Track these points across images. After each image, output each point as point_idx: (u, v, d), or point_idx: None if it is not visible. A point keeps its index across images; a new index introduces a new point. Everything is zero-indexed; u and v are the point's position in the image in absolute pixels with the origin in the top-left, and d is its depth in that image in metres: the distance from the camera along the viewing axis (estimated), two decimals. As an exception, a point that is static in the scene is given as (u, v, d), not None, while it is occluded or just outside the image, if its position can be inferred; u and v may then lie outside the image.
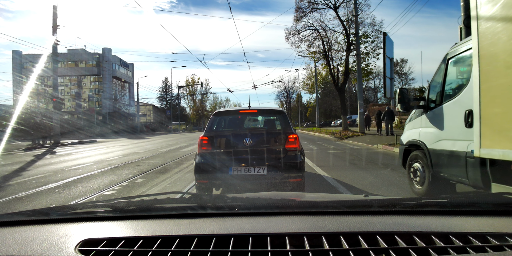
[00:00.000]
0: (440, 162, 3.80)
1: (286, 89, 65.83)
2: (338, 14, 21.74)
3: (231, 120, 4.84)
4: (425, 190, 4.09)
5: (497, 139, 2.75)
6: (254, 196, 1.45)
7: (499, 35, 2.69)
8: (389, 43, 6.30)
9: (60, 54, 18.81)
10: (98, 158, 9.94)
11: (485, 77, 2.85)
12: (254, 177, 3.80)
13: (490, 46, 2.81)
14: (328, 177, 5.66)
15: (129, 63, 64.39)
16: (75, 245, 0.87)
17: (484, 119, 2.88)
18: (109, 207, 1.17)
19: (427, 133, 4.16)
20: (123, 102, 60.92)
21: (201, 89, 65.85)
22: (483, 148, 2.87)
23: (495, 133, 2.76)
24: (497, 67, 2.74)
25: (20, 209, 3.86)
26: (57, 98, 17.68)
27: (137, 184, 5.39)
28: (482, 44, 2.87)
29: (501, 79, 2.69)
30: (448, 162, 3.66)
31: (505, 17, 2.59)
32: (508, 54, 2.60)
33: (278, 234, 0.90)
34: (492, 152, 2.79)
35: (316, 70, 31.79)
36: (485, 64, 2.85)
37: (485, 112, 2.85)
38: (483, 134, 2.89)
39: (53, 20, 16.46)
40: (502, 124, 2.68)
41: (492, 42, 2.78)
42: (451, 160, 3.57)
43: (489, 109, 2.84)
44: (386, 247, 0.83)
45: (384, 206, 1.13)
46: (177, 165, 7.70)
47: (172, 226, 0.99)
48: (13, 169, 7.71)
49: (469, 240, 0.87)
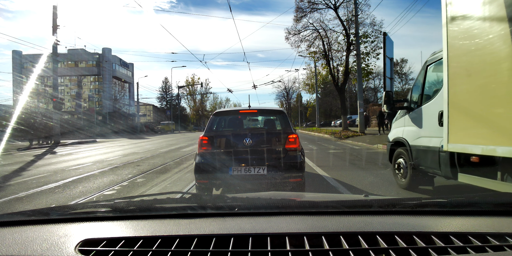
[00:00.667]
0: (419, 157, 4.33)
1: (286, 89, 65.91)
2: (338, 14, 21.75)
3: (231, 120, 4.84)
4: (407, 182, 4.60)
5: (459, 135, 3.34)
6: (254, 196, 1.45)
7: (461, 49, 3.33)
8: (389, 43, 6.30)
9: (60, 54, 18.82)
10: (98, 158, 9.94)
11: (452, 83, 3.43)
12: (254, 177, 3.80)
13: (455, 57, 3.42)
14: (328, 177, 5.66)
15: (129, 63, 64.39)
16: (75, 245, 0.87)
17: (451, 119, 3.45)
18: (109, 207, 1.17)
19: (409, 131, 4.69)
20: (123, 102, 60.93)
21: (201, 89, 65.99)
22: (450, 143, 3.44)
23: (458, 130, 3.34)
24: (460, 75, 3.32)
25: (20, 209, 3.86)
26: (57, 98, 17.68)
27: (137, 184, 5.39)
28: (450, 55, 3.48)
29: (463, 85, 3.28)
30: (425, 157, 4.18)
31: (464, 36, 3.27)
32: (468, 64, 3.23)
33: (278, 234, 0.90)
34: (455, 146, 3.37)
35: (316, 70, 31.79)
36: (452, 73, 3.43)
37: (452, 113, 3.42)
38: (450, 131, 3.45)
39: (53, 20, 16.47)
40: (463, 123, 3.28)
41: (456, 54, 3.40)
42: (428, 155, 4.11)
43: (454, 110, 3.40)
44: (386, 247, 0.83)
45: (384, 206, 1.13)
46: (177, 165, 7.70)
47: (172, 226, 0.99)
48: (13, 169, 7.71)
49: (469, 240, 0.87)
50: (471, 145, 3.16)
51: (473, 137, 3.19)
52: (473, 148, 3.13)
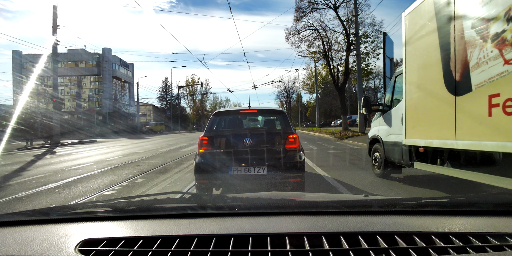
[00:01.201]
0: (389, 151, 5.35)
1: (286, 89, 65.91)
2: (338, 14, 21.76)
3: (231, 120, 4.84)
4: (381, 172, 5.62)
5: (412, 132, 4.44)
6: (254, 196, 1.45)
7: (412, 65, 4.47)
8: (389, 43, 6.31)
9: (60, 54, 18.81)
10: (98, 158, 9.94)
11: (408, 92, 4.54)
12: (254, 177, 3.80)
13: (409, 72, 4.55)
14: (328, 177, 5.66)
15: (129, 63, 64.38)
16: (75, 245, 0.87)
17: (407, 120, 4.55)
18: (109, 207, 1.17)
19: (382, 129, 5.73)
20: (123, 102, 60.90)
21: (201, 89, 65.94)
22: (406, 138, 4.57)
23: (411, 128, 4.47)
24: (412, 86, 4.45)
25: (20, 209, 3.86)
26: (57, 98, 17.67)
27: (137, 184, 5.39)
28: (407, 70, 4.61)
29: (414, 94, 4.37)
30: (393, 150, 5.19)
31: (414, 55, 4.35)
32: (416, 78, 4.33)
33: (278, 234, 0.90)
34: (409, 141, 4.49)
35: (316, 70, 31.79)
36: (408, 84, 4.56)
37: (407, 115, 4.54)
38: (406, 129, 4.56)
39: (53, 20, 16.47)
40: (414, 123, 4.40)
41: (410, 70, 4.53)
42: (395, 149, 5.12)
43: (409, 113, 4.51)
44: (386, 247, 0.83)
45: (384, 206, 1.13)
46: (177, 165, 7.70)
47: (172, 226, 0.99)
48: (13, 169, 7.71)
49: (469, 240, 0.87)
50: (418, 139, 4.25)
51: (419, 133, 4.25)
52: (420, 142, 4.24)
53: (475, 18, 3.22)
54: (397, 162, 5.12)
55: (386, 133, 5.55)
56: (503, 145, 2.85)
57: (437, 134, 3.83)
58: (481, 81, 3.15)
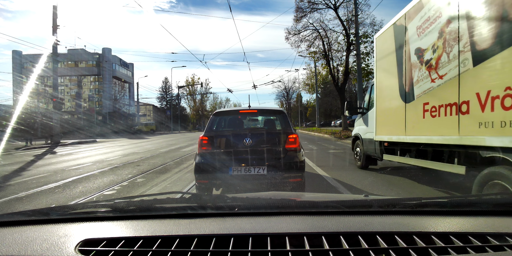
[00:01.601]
0: (367, 146, 6.48)
1: (286, 89, 65.87)
2: (338, 14, 21.76)
3: (231, 120, 4.84)
4: (361, 164, 6.77)
5: (380, 130, 5.67)
6: (254, 196, 1.45)
7: (380, 78, 5.73)
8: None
9: (60, 54, 18.80)
10: (98, 158, 9.94)
11: (377, 99, 5.81)
12: (254, 177, 3.80)
13: (378, 82, 5.84)
14: (328, 177, 5.66)
15: (129, 63, 64.39)
16: (75, 245, 0.87)
17: (377, 120, 5.80)
18: (109, 207, 1.17)
19: (362, 129, 6.89)
20: (123, 102, 60.90)
21: (201, 89, 65.93)
22: (376, 135, 5.77)
23: (379, 127, 5.70)
24: (380, 94, 5.73)
25: (20, 209, 3.86)
26: (57, 98, 17.67)
27: (137, 184, 5.39)
28: (376, 81, 5.89)
29: (381, 101, 5.64)
30: (369, 146, 6.29)
31: (382, 70, 5.60)
32: (383, 88, 5.54)
33: (278, 234, 0.90)
34: (378, 137, 5.70)
35: (316, 70, 31.78)
36: (377, 92, 5.84)
37: (377, 117, 5.78)
38: (376, 128, 5.79)
39: (53, 20, 16.46)
40: (381, 123, 5.62)
41: (379, 81, 5.81)
42: (370, 144, 6.22)
43: (378, 116, 5.77)
44: (386, 247, 0.83)
45: (384, 206, 1.13)
46: (177, 165, 7.70)
47: (172, 226, 0.99)
48: (13, 169, 7.71)
49: (469, 240, 0.87)
50: (384, 136, 5.49)
51: (384, 131, 5.49)
52: (384, 138, 5.48)
53: (416, 47, 4.37)
54: (372, 155, 6.28)
55: (364, 132, 6.71)
56: (429, 138, 4.05)
57: (395, 132, 5.05)
58: (419, 93, 4.30)
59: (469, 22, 3.28)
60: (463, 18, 3.38)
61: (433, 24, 3.95)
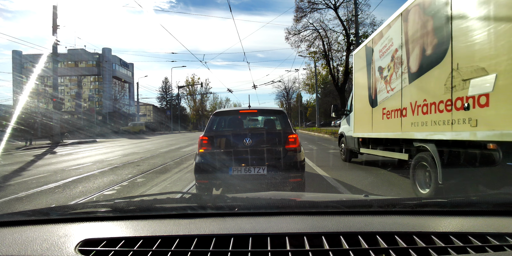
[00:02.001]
0: (349, 142, 7.72)
1: (286, 89, 65.85)
2: (338, 14, 21.77)
3: (231, 120, 4.83)
4: (345, 157, 8.07)
5: (356, 129, 6.99)
6: (254, 196, 1.45)
7: (357, 87, 7.06)
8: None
9: (60, 54, 18.80)
10: (98, 158, 9.94)
11: (355, 103, 7.18)
12: (254, 177, 3.80)
13: (355, 91, 7.23)
14: (328, 177, 5.66)
15: (129, 63, 64.39)
16: (75, 245, 0.87)
17: (355, 121, 7.12)
18: (109, 207, 1.17)
19: (345, 128, 8.21)
20: (123, 102, 60.89)
21: (201, 89, 65.92)
22: (354, 133, 7.06)
23: (356, 126, 6.99)
24: (356, 100, 7.07)
25: (20, 209, 3.86)
26: (57, 98, 17.67)
27: (137, 184, 5.39)
28: (354, 90, 7.30)
29: (357, 105, 7.01)
30: (351, 141, 7.52)
31: (357, 80, 6.93)
32: (358, 95, 6.85)
33: (278, 234, 0.90)
34: (355, 134, 6.98)
35: (316, 70, 31.80)
36: (355, 98, 7.18)
37: (355, 118, 7.10)
38: (354, 127, 7.10)
39: (53, 20, 16.46)
40: (358, 122, 6.90)
41: (356, 89, 7.17)
42: (352, 140, 7.43)
43: (355, 117, 7.10)
44: (386, 247, 0.83)
45: (384, 206, 1.13)
46: (177, 165, 7.70)
47: (172, 226, 0.99)
48: (13, 169, 7.71)
49: (469, 240, 0.87)
50: (359, 133, 6.81)
51: (359, 129, 6.83)
52: (359, 134, 6.79)
53: (378, 65, 5.68)
54: (353, 149, 7.54)
55: (347, 130, 7.99)
56: (386, 134, 5.39)
57: (366, 130, 6.41)
58: (380, 100, 5.60)
59: (406, 52, 4.55)
60: (403, 48, 4.64)
61: (388, 50, 5.21)
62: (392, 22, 5.04)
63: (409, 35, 4.47)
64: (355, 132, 7.05)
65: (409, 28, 4.49)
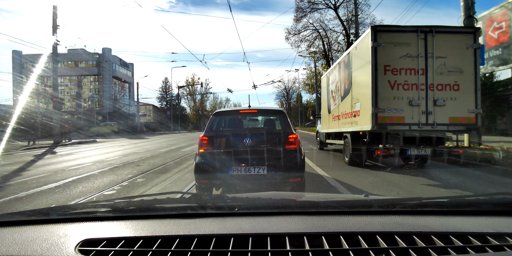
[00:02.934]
0: (321, 136, 11.77)
1: (286, 89, 65.83)
2: (338, 14, 21.76)
3: (231, 120, 4.83)
4: (319, 146, 12.10)
5: (322, 127, 11.37)
6: (254, 196, 1.45)
7: (323, 98, 11.46)
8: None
9: (60, 54, 18.78)
10: (98, 158, 9.94)
11: (322, 110, 11.75)
12: (254, 177, 3.79)
13: (322, 102, 11.99)
14: (328, 177, 5.66)
15: (129, 63, 64.41)
16: (75, 245, 0.87)
17: (322, 121, 11.61)
18: (109, 207, 1.17)
19: (319, 126, 12.28)
20: (123, 102, 60.91)
21: (201, 89, 65.86)
22: (322, 129, 11.46)
23: (322, 125, 11.39)
24: (323, 107, 11.45)
25: (20, 209, 3.86)
26: (57, 98, 17.66)
27: (137, 184, 5.39)
28: (321, 100, 12.12)
29: (322, 111, 11.52)
30: (321, 135, 11.63)
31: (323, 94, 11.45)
32: (323, 104, 11.33)
33: (278, 234, 0.90)
34: (323, 130, 11.31)
35: (316, 70, 31.79)
36: (322, 105, 11.76)
37: (322, 119, 11.56)
38: (322, 125, 11.52)
39: (53, 20, 16.46)
40: (324, 121, 11.04)
41: (322, 101, 11.73)
42: (322, 135, 11.57)
43: (322, 119, 11.50)
44: (386, 247, 0.83)
45: (384, 206, 1.13)
46: (177, 165, 7.70)
47: (172, 226, 0.99)
48: (13, 169, 7.71)
49: (469, 240, 0.87)
50: (324, 129, 10.86)
51: (324, 127, 10.94)
52: (325, 130, 10.81)
53: (331, 88, 9.76)
54: (322, 141, 11.44)
55: (320, 128, 11.98)
56: (335, 130, 9.11)
57: (327, 127, 10.34)
58: (331, 109, 9.55)
59: (340, 84, 8.36)
60: (339, 82, 8.43)
61: (334, 80, 9.23)
62: (335, 65, 9.16)
63: (341, 76, 8.29)
64: (322, 129, 11.26)
65: (340, 72, 8.41)
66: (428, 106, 5.95)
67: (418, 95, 5.96)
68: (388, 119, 5.98)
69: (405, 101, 5.98)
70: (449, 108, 5.95)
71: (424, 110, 5.96)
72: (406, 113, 5.97)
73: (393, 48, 5.96)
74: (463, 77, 5.97)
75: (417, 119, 5.96)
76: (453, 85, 5.97)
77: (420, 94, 5.96)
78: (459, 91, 5.97)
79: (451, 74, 5.97)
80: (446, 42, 5.98)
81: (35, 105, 37.48)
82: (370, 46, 5.95)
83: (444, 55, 5.96)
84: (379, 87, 5.95)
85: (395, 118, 5.98)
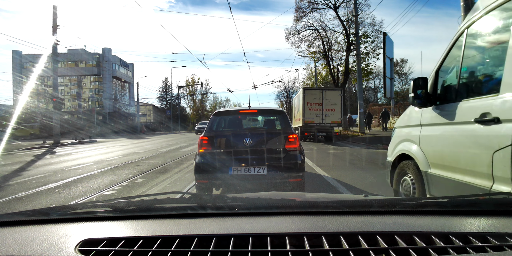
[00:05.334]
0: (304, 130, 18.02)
1: (286, 89, 65.69)
2: (338, 14, 21.77)
3: (231, 120, 4.83)
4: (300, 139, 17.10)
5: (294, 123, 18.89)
6: (254, 196, 1.45)
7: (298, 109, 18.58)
8: (389, 43, 6.31)
9: (60, 54, 18.79)
10: (98, 158, 9.94)
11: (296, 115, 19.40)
12: (254, 177, 3.80)
13: (293, 110, 21.43)
14: (328, 177, 5.66)
15: (129, 63, 64.36)
16: (75, 245, 0.87)
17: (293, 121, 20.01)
18: (109, 207, 1.17)
19: None
20: (123, 102, 60.89)
21: (201, 89, 65.80)
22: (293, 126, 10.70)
23: (294, 124, 18.97)
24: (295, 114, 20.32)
25: (20, 209, 3.86)
26: (57, 98, 17.66)
27: (137, 184, 5.39)
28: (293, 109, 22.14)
29: (296, 117, 19.12)
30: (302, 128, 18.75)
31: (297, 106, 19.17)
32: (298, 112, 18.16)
33: (278, 234, 0.90)
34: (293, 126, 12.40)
35: (316, 70, 31.79)
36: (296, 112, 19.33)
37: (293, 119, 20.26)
38: (294, 123, 18.97)
39: (53, 20, 16.46)
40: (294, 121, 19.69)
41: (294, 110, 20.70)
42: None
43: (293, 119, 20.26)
44: (386, 247, 0.83)
45: (384, 206, 1.13)
46: (177, 165, 7.70)
47: (172, 226, 0.99)
48: (13, 169, 7.71)
49: (469, 240, 0.87)
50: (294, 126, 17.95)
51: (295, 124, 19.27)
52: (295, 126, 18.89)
53: (299, 104, 17.50)
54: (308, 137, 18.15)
55: None
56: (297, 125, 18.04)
57: (296, 124, 18.47)
58: (299, 115, 17.85)
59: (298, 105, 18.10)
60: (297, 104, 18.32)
61: (297, 102, 18.47)
62: (298, 95, 18.17)
63: (300, 102, 16.85)
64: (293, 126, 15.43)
65: (299, 99, 17.06)
66: (323, 116, 15.66)
67: (321, 112, 15.70)
68: (308, 122, 15.72)
69: (314, 114, 15.73)
70: (330, 117, 15.67)
71: (321, 118, 15.63)
72: (314, 119, 15.71)
73: (311, 95, 15.97)
74: (336, 106, 15.73)
75: (319, 121, 15.68)
76: (332, 109, 15.70)
77: (320, 112, 15.70)
78: (334, 111, 15.72)
79: (331, 105, 15.72)
80: (331, 93, 16.16)
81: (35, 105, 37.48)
82: (302, 95, 16.05)
83: (329, 98, 15.78)
84: (305, 109, 15.76)
85: (310, 121, 15.71)
